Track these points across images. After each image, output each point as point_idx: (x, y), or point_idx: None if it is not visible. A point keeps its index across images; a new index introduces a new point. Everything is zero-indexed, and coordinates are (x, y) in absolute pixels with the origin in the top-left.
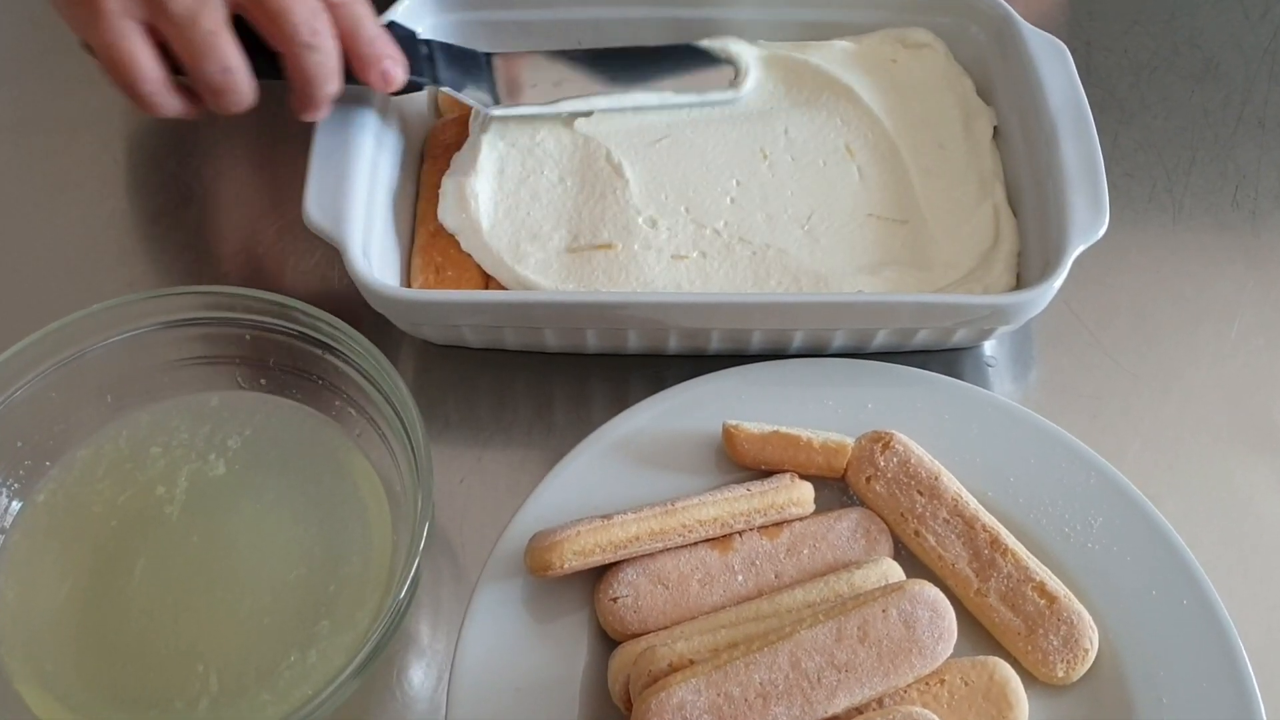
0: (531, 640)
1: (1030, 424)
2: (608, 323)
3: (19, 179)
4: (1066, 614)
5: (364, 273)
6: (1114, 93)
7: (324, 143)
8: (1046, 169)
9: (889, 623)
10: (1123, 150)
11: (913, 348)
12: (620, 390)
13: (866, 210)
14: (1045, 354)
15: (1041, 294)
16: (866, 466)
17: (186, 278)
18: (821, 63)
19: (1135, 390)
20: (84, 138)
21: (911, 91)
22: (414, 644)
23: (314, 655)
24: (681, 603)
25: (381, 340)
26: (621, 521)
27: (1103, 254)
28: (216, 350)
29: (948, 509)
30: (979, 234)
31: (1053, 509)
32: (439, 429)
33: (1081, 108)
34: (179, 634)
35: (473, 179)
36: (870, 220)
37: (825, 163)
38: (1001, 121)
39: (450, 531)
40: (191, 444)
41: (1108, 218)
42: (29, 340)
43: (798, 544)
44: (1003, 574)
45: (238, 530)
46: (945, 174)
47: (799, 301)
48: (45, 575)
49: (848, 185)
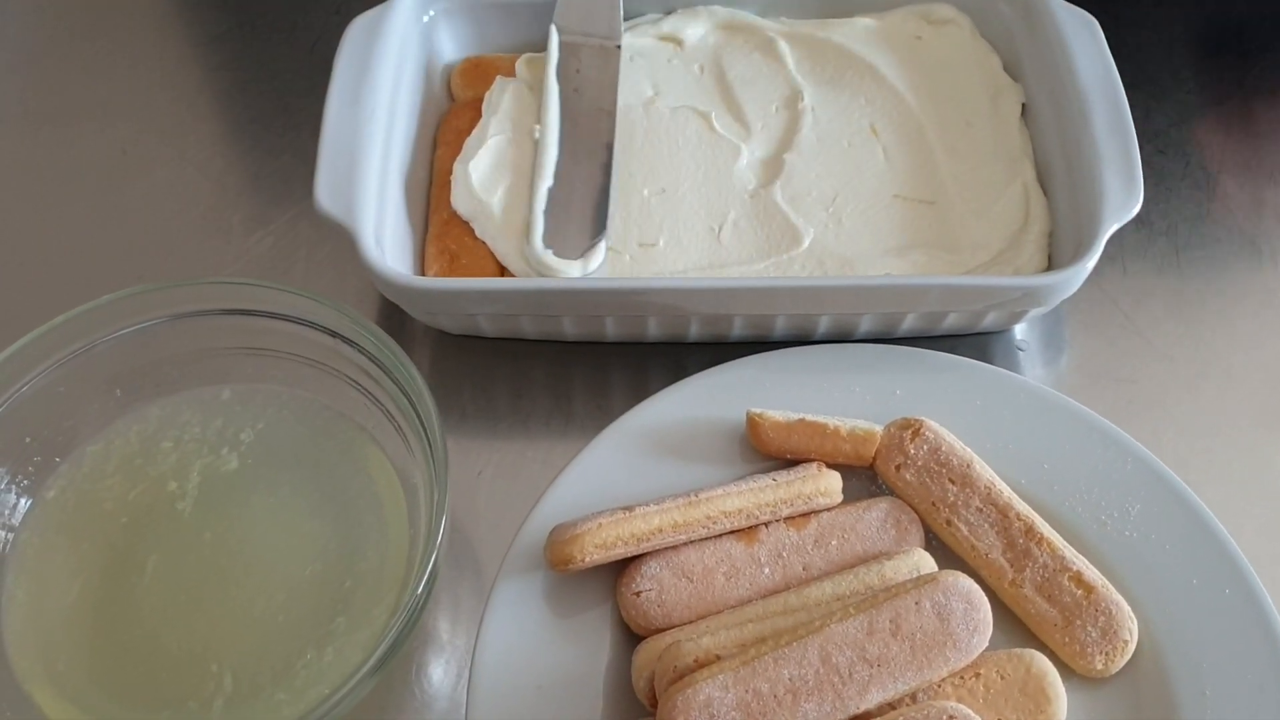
0: (553, 636)
1: (1064, 409)
2: (628, 310)
3: (26, 170)
4: (1105, 604)
5: (376, 261)
6: (1144, 68)
7: (334, 128)
8: (1077, 146)
9: (922, 615)
10: (1155, 126)
11: (941, 332)
12: (640, 379)
13: (893, 191)
14: (1077, 337)
15: (1074, 275)
16: (896, 454)
17: (196, 268)
18: (844, 41)
19: (1171, 373)
20: (91, 128)
21: (937, 69)
22: (433, 640)
23: (330, 653)
24: (706, 596)
25: (395, 329)
26: (644, 513)
27: (1137, 234)
28: (228, 342)
29: (980, 497)
30: (1008, 214)
31: (1088, 496)
32: (455, 420)
33: (1113, 83)
34: (192, 633)
35: (485, 163)
36: (896, 201)
37: (850, 143)
38: (1030, 98)
39: (468, 525)
40: (203, 438)
41: (1142, 195)
42: (36, 334)
43: (826, 535)
44: (1038, 564)
45: (251, 526)
46: (973, 153)
47: (824, 285)
48: (56, 574)
49: (873, 166)
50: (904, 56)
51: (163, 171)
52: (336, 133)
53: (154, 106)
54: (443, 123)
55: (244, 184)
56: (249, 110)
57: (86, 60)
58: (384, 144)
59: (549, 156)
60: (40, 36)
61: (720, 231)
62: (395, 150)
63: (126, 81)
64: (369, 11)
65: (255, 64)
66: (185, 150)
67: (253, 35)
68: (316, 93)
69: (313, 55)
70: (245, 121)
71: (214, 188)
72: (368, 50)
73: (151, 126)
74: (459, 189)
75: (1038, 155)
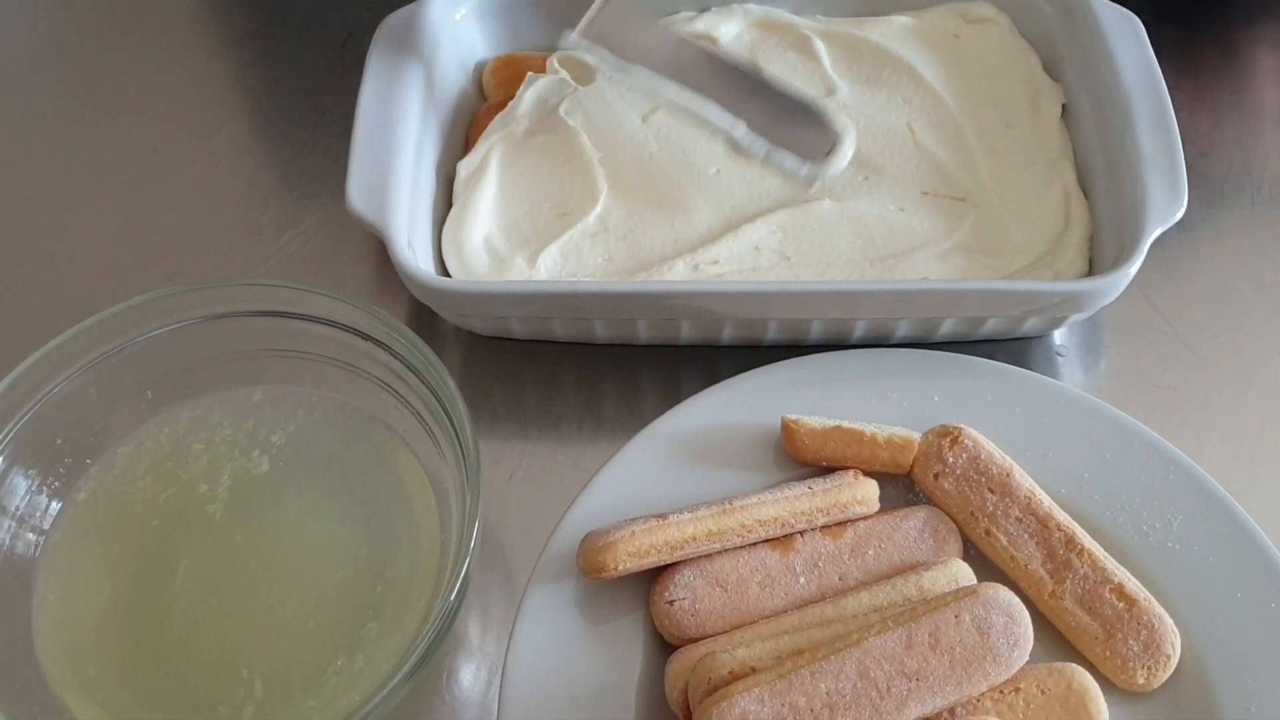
0: (585, 644)
1: (1105, 417)
2: (661, 314)
3: (56, 169)
4: (1147, 617)
5: (409, 263)
6: (1187, 68)
7: (366, 129)
8: (1120, 148)
9: (962, 629)
10: (1197, 128)
11: (980, 337)
12: (672, 383)
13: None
14: (1118, 343)
15: (1117, 280)
16: (934, 463)
17: (227, 268)
18: (881, 39)
19: (1214, 380)
20: (122, 126)
21: (975, 68)
22: (463, 646)
23: (361, 660)
24: (741, 606)
25: (427, 331)
26: (678, 521)
27: (1178, 237)
28: (258, 344)
29: (1020, 507)
30: (1049, 217)
31: (1130, 507)
32: (485, 423)
33: (1156, 83)
34: (223, 638)
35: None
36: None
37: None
38: (1070, 99)
39: (499, 529)
40: (235, 440)
41: (1186, 199)
42: (67, 335)
43: (862, 544)
44: (1079, 575)
45: (282, 530)
46: (1012, 155)
47: (861, 290)
48: (87, 577)
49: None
50: (941, 55)
51: (194, 170)
52: (368, 133)
53: (185, 104)
54: (474, 121)
55: (275, 183)
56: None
57: (118, 57)
58: (416, 144)
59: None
60: (71, 33)
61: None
62: (427, 150)
63: (158, 79)
64: (401, 10)
65: (286, 61)
66: (216, 149)
67: (284, 32)
68: (348, 90)
69: (344, 52)
70: (276, 119)
71: (245, 187)
72: (399, 49)
73: (182, 125)
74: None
75: (1078, 157)
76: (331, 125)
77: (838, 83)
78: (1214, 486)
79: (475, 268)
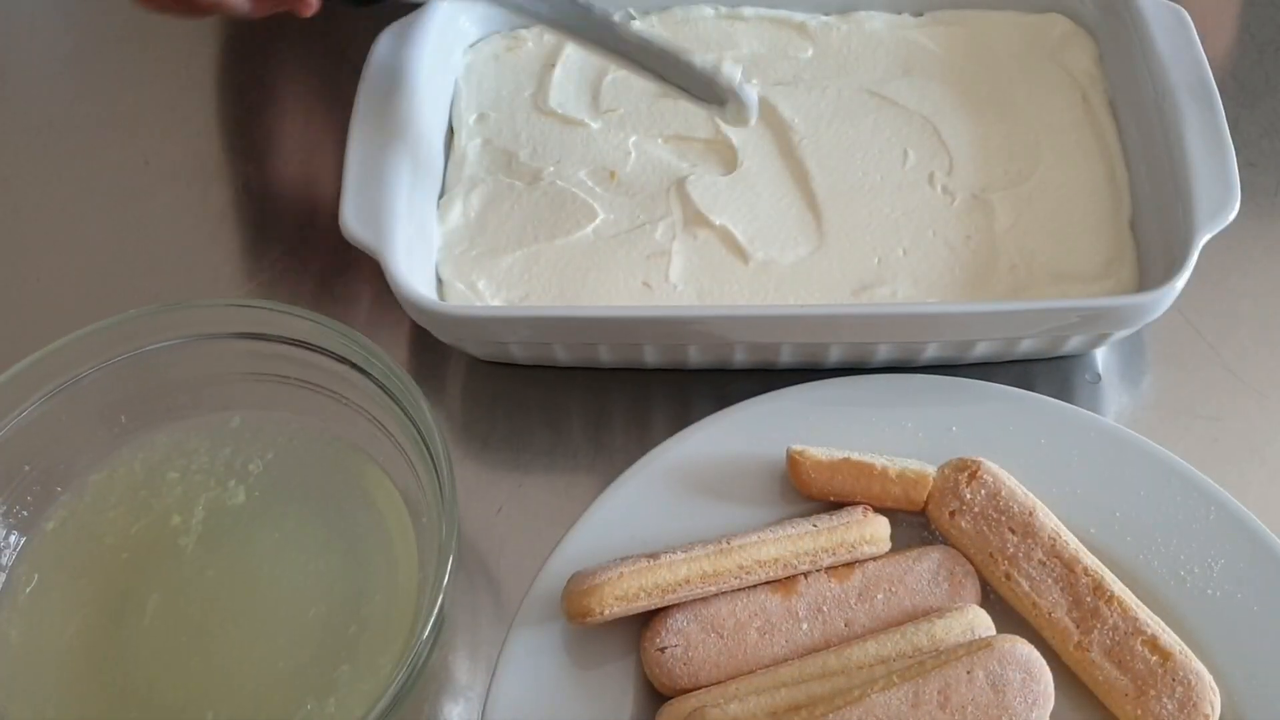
0: (570, 692)
1: (1139, 450)
2: (662, 339)
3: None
4: (1183, 673)
5: (406, 286)
6: (1234, 73)
7: (360, 148)
8: (1165, 149)
9: (974, 686)
10: (1245, 137)
11: (1016, 356)
12: (681, 408)
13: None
14: (1158, 369)
15: (1164, 294)
16: (950, 499)
17: (209, 289)
18: (927, 41)
19: (1261, 410)
20: (115, 138)
21: (1017, 70)
22: (449, 684)
23: (332, 704)
24: (737, 654)
25: (429, 354)
26: (670, 562)
27: (1223, 254)
28: (236, 367)
29: (1044, 549)
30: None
31: (1166, 549)
32: (477, 449)
33: (1205, 80)
34: (189, 680)
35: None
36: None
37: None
38: (1114, 98)
39: (490, 562)
40: (211, 469)
41: (1239, 199)
42: (32, 359)
43: (871, 588)
44: (1108, 625)
45: (256, 565)
46: (1056, 158)
47: (880, 314)
48: (52, 613)
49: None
50: (980, 58)
51: (185, 184)
52: (362, 153)
53: (179, 116)
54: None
55: (261, 204)
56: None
57: (111, 71)
58: (412, 161)
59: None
60: (65, 46)
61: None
62: (424, 166)
63: (152, 90)
64: (395, 24)
65: (284, 72)
66: (208, 162)
67: (281, 46)
68: (346, 102)
69: (344, 62)
70: (272, 133)
71: (229, 207)
72: (396, 63)
73: (176, 137)
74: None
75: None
76: (328, 140)
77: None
78: (1259, 527)
79: (474, 290)
